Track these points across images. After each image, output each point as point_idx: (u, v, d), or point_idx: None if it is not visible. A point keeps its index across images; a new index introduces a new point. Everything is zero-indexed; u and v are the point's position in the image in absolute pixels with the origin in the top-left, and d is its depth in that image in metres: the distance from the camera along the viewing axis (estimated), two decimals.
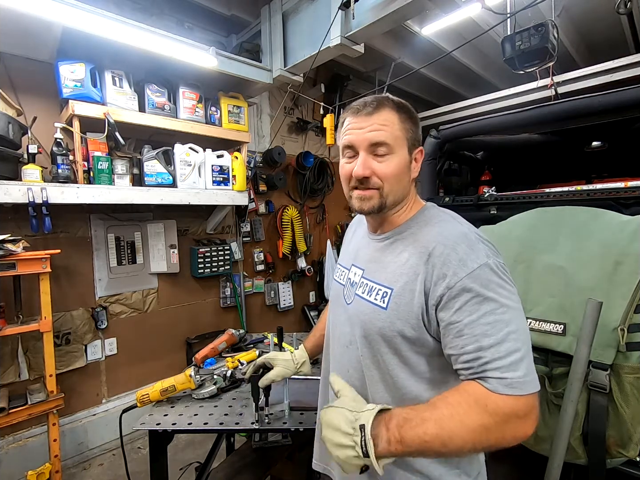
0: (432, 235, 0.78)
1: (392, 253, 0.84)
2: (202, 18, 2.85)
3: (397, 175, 0.81)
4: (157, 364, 2.84)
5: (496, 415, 0.65)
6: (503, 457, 2.11)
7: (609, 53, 3.20)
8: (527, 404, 0.66)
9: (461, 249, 0.72)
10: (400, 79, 2.80)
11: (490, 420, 0.64)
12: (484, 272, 0.70)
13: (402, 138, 0.81)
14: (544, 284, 1.54)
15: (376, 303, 0.81)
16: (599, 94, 1.79)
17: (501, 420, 0.65)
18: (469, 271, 0.70)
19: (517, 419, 0.65)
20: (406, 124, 0.82)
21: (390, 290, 0.79)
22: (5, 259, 1.79)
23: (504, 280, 0.71)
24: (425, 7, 1.94)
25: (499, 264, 0.72)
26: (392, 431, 0.65)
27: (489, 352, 0.67)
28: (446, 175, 3.32)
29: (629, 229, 1.41)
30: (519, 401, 0.65)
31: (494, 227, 1.83)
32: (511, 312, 0.69)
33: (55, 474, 2.04)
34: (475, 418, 0.65)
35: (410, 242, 0.81)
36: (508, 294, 0.70)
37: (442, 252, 0.73)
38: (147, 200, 2.30)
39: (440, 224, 0.80)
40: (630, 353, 1.33)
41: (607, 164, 3.11)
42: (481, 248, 0.73)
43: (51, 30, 1.92)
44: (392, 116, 0.80)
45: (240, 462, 1.73)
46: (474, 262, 0.71)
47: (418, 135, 0.85)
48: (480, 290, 0.69)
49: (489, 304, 0.69)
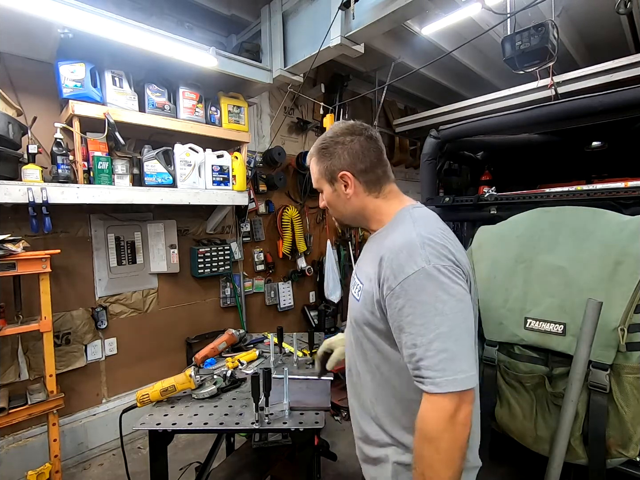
0: (388, 241, 0.87)
1: (368, 253, 0.97)
2: (202, 18, 2.85)
3: (330, 204, 1.01)
4: (157, 364, 2.84)
5: (437, 436, 0.73)
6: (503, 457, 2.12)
7: (609, 53, 3.20)
8: (453, 401, 0.73)
9: (402, 255, 0.80)
10: (400, 79, 2.80)
11: (440, 444, 0.73)
12: (418, 277, 0.77)
13: (320, 177, 0.99)
14: (544, 284, 1.54)
15: (355, 296, 0.96)
16: (600, 94, 1.79)
17: (444, 433, 0.73)
18: (405, 277, 0.78)
19: (453, 418, 0.73)
20: (319, 165, 0.98)
21: (362, 285, 0.93)
22: (5, 259, 1.79)
23: (441, 282, 0.77)
24: (425, 7, 1.94)
25: (438, 268, 0.77)
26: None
27: (421, 350, 0.75)
28: (446, 175, 3.32)
29: (629, 229, 1.41)
30: (444, 400, 0.73)
31: (494, 227, 1.83)
32: (444, 314, 0.75)
33: (55, 474, 2.04)
34: (433, 456, 0.74)
35: (377, 245, 0.91)
36: (444, 295, 0.76)
37: (389, 257, 0.82)
38: (147, 200, 2.30)
39: (397, 230, 0.89)
40: (630, 353, 1.33)
41: (607, 164, 3.10)
42: (421, 253, 0.78)
43: (51, 30, 1.92)
44: (312, 164, 1.01)
45: (240, 462, 1.73)
46: (411, 269, 0.78)
47: (332, 164, 0.95)
48: (414, 295, 0.77)
49: (422, 307, 0.76)
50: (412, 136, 4.87)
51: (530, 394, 1.55)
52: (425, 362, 0.74)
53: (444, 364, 0.73)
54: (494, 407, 1.67)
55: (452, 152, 2.60)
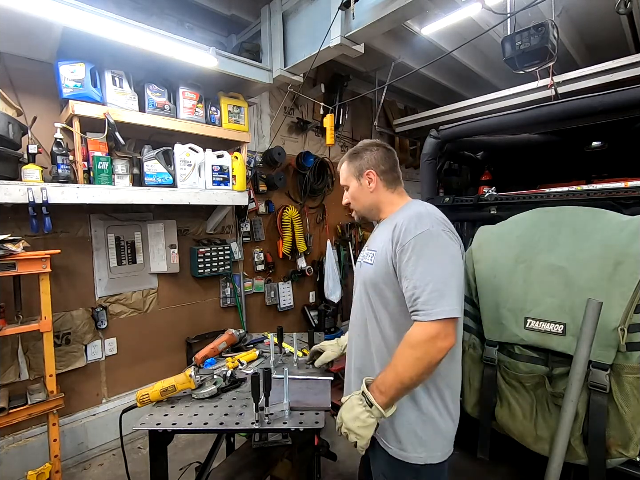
0: (400, 216, 1.13)
1: (381, 229, 1.23)
2: (202, 18, 2.85)
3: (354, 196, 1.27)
4: (157, 364, 2.84)
5: (418, 345, 0.97)
6: (503, 457, 2.12)
7: (609, 53, 3.20)
8: (438, 327, 0.96)
9: (412, 221, 1.06)
10: (400, 79, 2.80)
11: (417, 351, 0.97)
12: (424, 236, 1.02)
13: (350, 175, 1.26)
14: (544, 284, 1.54)
15: (367, 262, 1.19)
16: (600, 93, 1.79)
17: (424, 346, 0.96)
18: (413, 236, 1.03)
19: (434, 339, 0.96)
20: (350, 165, 1.26)
21: (374, 252, 1.16)
22: (5, 259, 1.79)
23: (440, 241, 1.03)
24: (425, 7, 1.94)
25: (439, 231, 1.04)
26: (376, 391, 1.01)
27: (418, 290, 0.99)
28: (446, 175, 3.32)
29: (628, 229, 1.41)
30: (432, 325, 0.96)
31: (494, 227, 1.83)
32: (440, 264, 1.00)
33: (55, 474, 2.04)
34: (408, 356, 0.98)
35: (390, 221, 1.17)
36: (441, 251, 1.02)
37: (402, 223, 1.07)
38: (147, 200, 2.30)
39: (409, 208, 1.16)
40: (630, 353, 1.33)
41: (607, 164, 3.11)
42: (427, 221, 1.05)
43: (51, 30, 1.92)
44: (344, 165, 1.29)
45: (240, 462, 1.73)
46: (419, 229, 1.03)
47: (361, 164, 1.23)
48: (419, 249, 1.01)
49: (424, 258, 1.00)
50: (412, 136, 4.86)
51: (530, 394, 1.55)
52: (422, 298, 0.98)
53: (436, 300, 0.97)
54: (494, 407, 1.67)
55: (452, 152, 2.60)
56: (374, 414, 1.00)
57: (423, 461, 1.08)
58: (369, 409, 1.00)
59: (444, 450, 1.11)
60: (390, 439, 1.11)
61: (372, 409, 0.99)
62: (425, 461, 1.08)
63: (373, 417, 1.00)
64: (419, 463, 1.08)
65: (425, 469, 1.08)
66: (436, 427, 1.09)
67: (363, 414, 1.01)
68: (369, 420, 1.00)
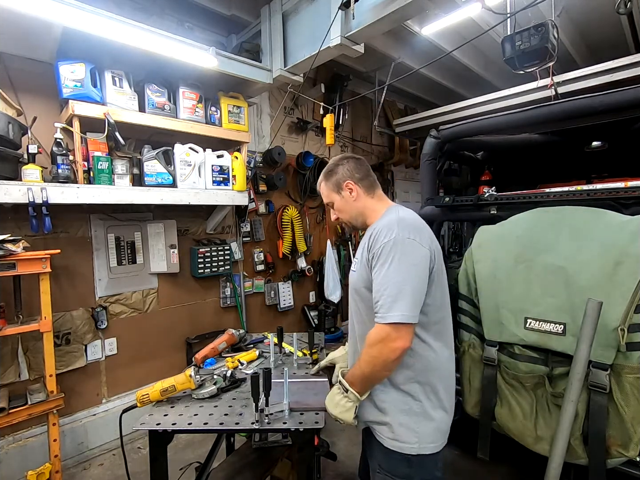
0: (377, 224, 1.20)
1: (363, 239, 1.27)
2: (202, 18, 2.85)
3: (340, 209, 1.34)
4: (157, 364, 2.84)
5: (374, 344, 1.08)
6: (503, 457, 2.12)
7: (609, 53, 3.21)
8: (389, 330, 1.05)
9: (383, 230, 1.14)
10: (400, 79, 2.80)
11: (372, 350, 1.09)
12: (390, 243, 1.10)
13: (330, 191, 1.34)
14: (544, 284, 1.54)
15: (353, 269, 1.29)
16: (600, 93, 1.79)
17: (378, 345, 1.07)
18: (381, 244, 1.11)
19: (385, 340, 1.06)
20: (328, 183, 1.33)
21: (357, 260, 1.26)
22: (5, 259, 1.79)
23: (403, 248, 1.09)
24: (425, 7, 1.94)
25: (404, 238, 1.10)
26: (349, 381, 1.15)
27: (377, 294, 1.10)
28: (446, 175, 3.32)
29: (629, 229, 1.41)
30: (384, 328, 1.06)
31: (493, 227, 1.82)
32: (398, 271, 1.08)
33: (55, 474, 2.04)
34: (366, 354, 1.10)
35: (369, 230, 1.23)
36: (403, 258, 1.08)
37: (375, 232, 1.16)
38: (147, 200, 2.30)
39: (384, 217, 1.23)
40: (631, 353, 1.33)
41: (607, 164, 3.10)
42: (395, 229, 1.11)
43: (51, 30, 1.92)
44: (323, 185, 1.36)
45: (240, 462, 1.72)
46: (386, 238, 1.11)
47: (337, 178, 1.30)
48: (385, 256, 1.10)
49: (388, 265, 1.09)
50: (412, 136, 4.86)
51: (530, 394, 1.55)
52: (380, 302, 1.08)
53: (389, 305, 1.06)
54: (494, 407, 1.67)
55: (452, 152, 2.60)
56: (351, 398, 1.14)
57: (416, 451, 1.13)
58: (345, 395, 1.15)
59: (437, 441, 1.16)
60: (385, 431, 1.17)
61: (348, 394, 1.14)
62: (418, 451, 1.13)
63: (351, 401, 1.14)
64: (411, 453, 1.13)
65: (418, 459, 1.14)
66: (429, 419, 1.15)
67: (342, 400, 1.16)
68: (347, 405, 1.15)
